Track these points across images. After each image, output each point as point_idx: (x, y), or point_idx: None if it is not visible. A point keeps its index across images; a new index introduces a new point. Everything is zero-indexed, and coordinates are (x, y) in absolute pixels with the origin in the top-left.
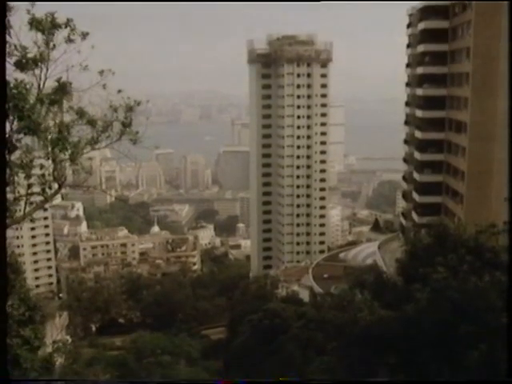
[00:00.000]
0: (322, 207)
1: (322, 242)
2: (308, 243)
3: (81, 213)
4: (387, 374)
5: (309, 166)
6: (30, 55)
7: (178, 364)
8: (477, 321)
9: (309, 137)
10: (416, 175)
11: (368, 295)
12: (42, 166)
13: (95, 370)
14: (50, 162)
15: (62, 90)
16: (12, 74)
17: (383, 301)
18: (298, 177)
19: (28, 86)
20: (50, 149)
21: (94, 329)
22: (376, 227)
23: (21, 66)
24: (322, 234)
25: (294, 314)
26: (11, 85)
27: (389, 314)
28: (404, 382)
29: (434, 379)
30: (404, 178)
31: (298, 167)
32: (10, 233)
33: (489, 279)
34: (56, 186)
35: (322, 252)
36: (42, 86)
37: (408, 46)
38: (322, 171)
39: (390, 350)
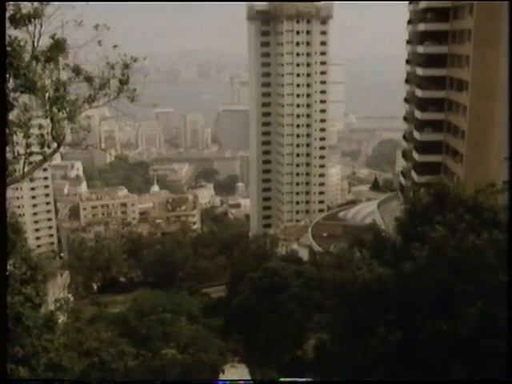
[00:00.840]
0: (322, 166)
1: (321, 201)
2: (307, 202)
3: (80, 173)
4: (385, 331)
5: (308, 125)
6: (24, 11)
7: (178, 321)
8: (474, 278)
9: (308, 95)
10: (416, 134)
11: (367, 254)
12: (40, 126)
13: (97, 328)
14: (48, 120)
15: (58, 46)
16: (6, 33)
17: (382, 259)
18: (297, 135)
19: (22, 43)
20: (47, 107)
21: (95, 288)
22: (375, 186)
23: (15, 21)
24: (321, 193)
25: (293, 273)
26: (5, 42)
27: (387, 271)
28: (404, 382)
29: (433, 380)
30: (404, 136)
31: (297, 126)
32: (10, 193)
33: (487, 237)
34: (55, 145)
35: (321, 211)
36: (36, 43)
37: (410, 2)
38: (322, 130)
39: (388, 308)
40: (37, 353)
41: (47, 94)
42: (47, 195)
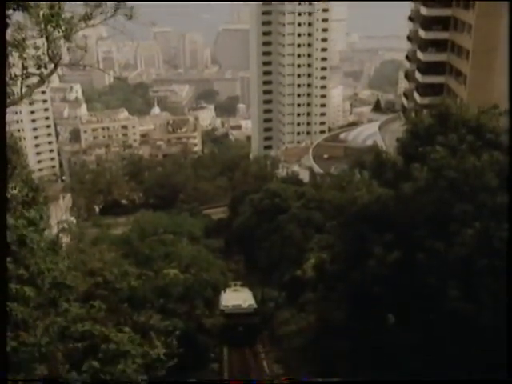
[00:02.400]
0: (323, 87)
1: (322, 123)
2: (309, 124)
3: (80, 95)
4: (383, 251)
5: (310, 45)
6: None
7: (180, 242)
8: (473, 199)
9: (310, 14)
10: (420, 54)
11: (367, 175)
12: (36, 46)
13: (100, 249)
14: (44, 40)
15: None
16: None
17: (382, 180)
18: (299, 56)
19: None
20: (42, 26)
21: (97, 210)
22: (377, 108)
23: None
24: (322, 114)
25: (293, 194)
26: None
27: (386, 192)
28: (404, 382)
29: (433, 380)
30: (407, 57)
31: (298, 45)
32: (9, 117)
33: (487, 159)
34: (52, 65)
35: (322, 132)
36: None
37: None
38: (324, 50)
39: (387, 228)
40: (41, 273)
41: (41, 12)
42: (47, 118)
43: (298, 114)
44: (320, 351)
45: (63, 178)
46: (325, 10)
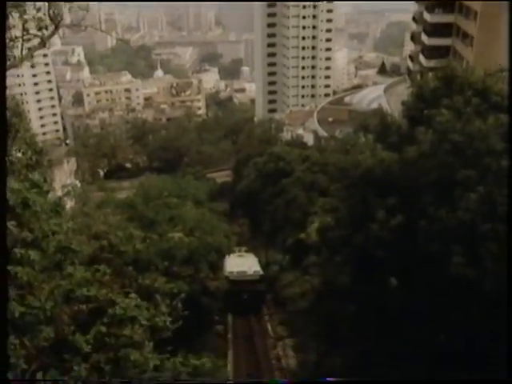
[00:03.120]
0: (328, 49)
1: (327, 86)
2: (313, 86)
3: (82, 58)
4: (386, 215)
5: (315, 6)
6: None
7: (184, 205)
8: (477, 164)
9: None
10: (426, 15)
11: (371, 138)
12: (37, 8)
13: (105, 212)
14: None
15: None
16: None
17: (386, 143)
18: (303, 17)
19: None
20: None
21: (101, 174)
22: (383, 70)
23: None
24: (327, 77)
25: (298, 157)
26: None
27: (390, 156)
28: (404, 382)
29: (435, 379)
30: (414, 18)
31: (303, 7)
32: (11, 80)
33: (492, 122)
34: (53, 27)
35: (327, 95)
36: None
37: None
38: (329, 11)
39: (390, 191)
40: (46, 236)
41: None
42: (49, 81)
43: (303, 77)
44: (323, 314)
45: (67, 141)
46: None
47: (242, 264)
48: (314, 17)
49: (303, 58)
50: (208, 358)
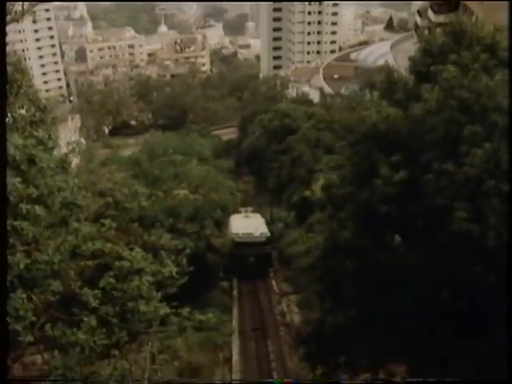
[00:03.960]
0: (335, 5)
1: (333, 42)
2: (319, 42)
3: (85, 13)
4: (391, 171)
5: None
6: None
7: (189, 163)
8: (483, 120)
9: None
10: None
11: (377, 95)
12: None
13: (110, 169)
14: None
15: None
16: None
17: (392, 100)
18: None
19: None
20: None
21: (106, 131)
22: (390, 26)
23: None
24: (333, 33)
25: (303, 115)
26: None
27: (395, 112)
28: (405, 383)
29: (436, 380)
30: None
31: None
32: (12, 36)
33: (500, 78)
34: None
35: (333, 52)
36: None
37: None
38: None
39: (395, 148)
40: (51, 192)
41: None
42: (52, 37)
43: (308, 33)
44: (327, 271)
45: (71, 98)
46: None
47: (247, 225)
48: None
49: (309, 13)
50: (213, 313)
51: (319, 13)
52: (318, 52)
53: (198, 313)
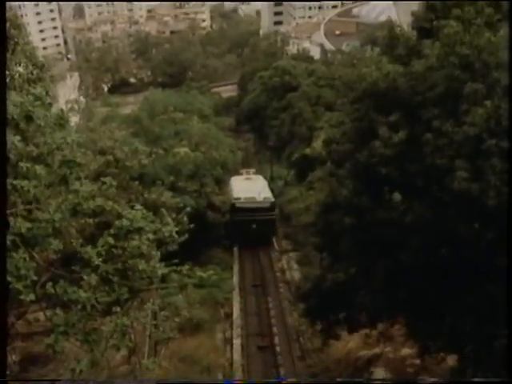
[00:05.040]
0: None
1: None
2: None
3: None
4: (390, 129)
5: None
6: None
7: (190, 120)
8: (485, 77)
9: None
10: None
11: (379, 52)
12: None
13: (110, 127)
14: None
15: None
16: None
17: (393, 57)
18: None
19: None
20: None
21: (105, 89)
22: None
23: None
24: None
25: (304, 71)
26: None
27: (396, 69)
28: (404, 382)
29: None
30: None
31: None
32: None
33: (503, 34)
34: None
35: (334, 7)
36: None
37: None
38: None
39: (395, 106)
40: (51, 151)
41: None
42: None
43: None
44: (326, 228)
45: (69, 56)
46: None
47: (250, 189)
48: None
49: None
50: (214, 271)
51: None
52: (320, 7)
53: (198, 270)
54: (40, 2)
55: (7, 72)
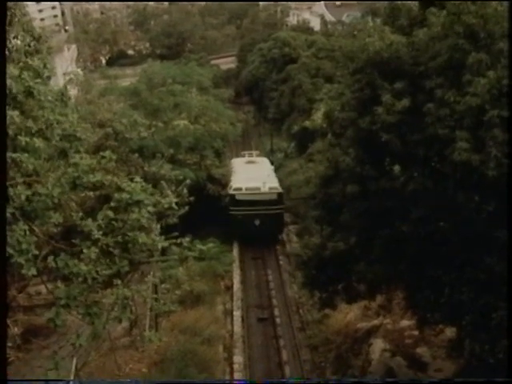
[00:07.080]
0: None
1: None
2: None
3: None
4: (392, 99)
5: None
6: None
7: (189, 92)
8: (489, 48)
9: None
10: None
11: (380, 22)
12: None
13: (108, 100)
14: None
15: None
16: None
17: (396, 26)
18: None
19: None
20: None
21: (103, 61)
22: None
23: None
24: None
25: (304, 43)
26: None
27: (399, 39)
28: (405, 382)
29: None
30: None
31: None
32: None
33: (510, 3)
34: None
35: None
36: None
37: None
38: None
39: (397, 75)
40: (50, 124)
41: None
42: None
43: None
44: (326, 198)
45: (66, 28)
46: None
47: (252, 177)
48: None
49: None
50: (214, 243)
51: None
52: None
53: (198, 243)
54: None
55: None
